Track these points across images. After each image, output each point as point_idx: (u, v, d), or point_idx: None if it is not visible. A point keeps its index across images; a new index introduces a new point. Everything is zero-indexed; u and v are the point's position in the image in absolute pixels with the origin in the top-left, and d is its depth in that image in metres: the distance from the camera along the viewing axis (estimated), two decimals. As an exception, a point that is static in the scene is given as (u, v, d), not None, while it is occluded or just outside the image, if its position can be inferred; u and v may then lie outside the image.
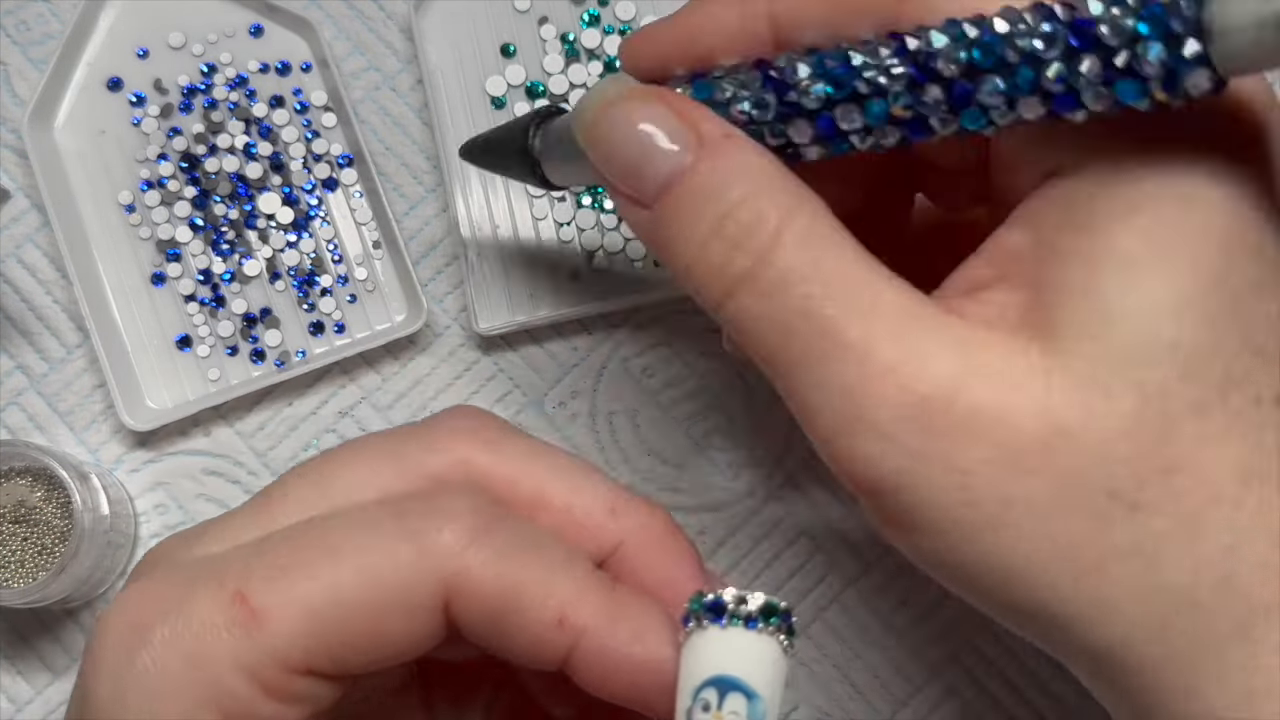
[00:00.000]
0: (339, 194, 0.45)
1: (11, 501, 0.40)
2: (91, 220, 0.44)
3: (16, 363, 0.44)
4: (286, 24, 0.45)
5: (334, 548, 0.25)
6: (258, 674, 0.24)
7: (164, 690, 0.24)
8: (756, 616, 0.24)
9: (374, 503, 0.26)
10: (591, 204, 0.45)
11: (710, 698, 0.23)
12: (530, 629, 0.25)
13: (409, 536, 0.25)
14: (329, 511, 0.26)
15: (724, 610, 0.23)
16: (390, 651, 0.25)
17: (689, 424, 0.44)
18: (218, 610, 0.24)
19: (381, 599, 0.24)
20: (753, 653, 0.23)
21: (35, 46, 0.46)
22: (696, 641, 0.24)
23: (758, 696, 0.23)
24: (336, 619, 0.24)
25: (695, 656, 0.23)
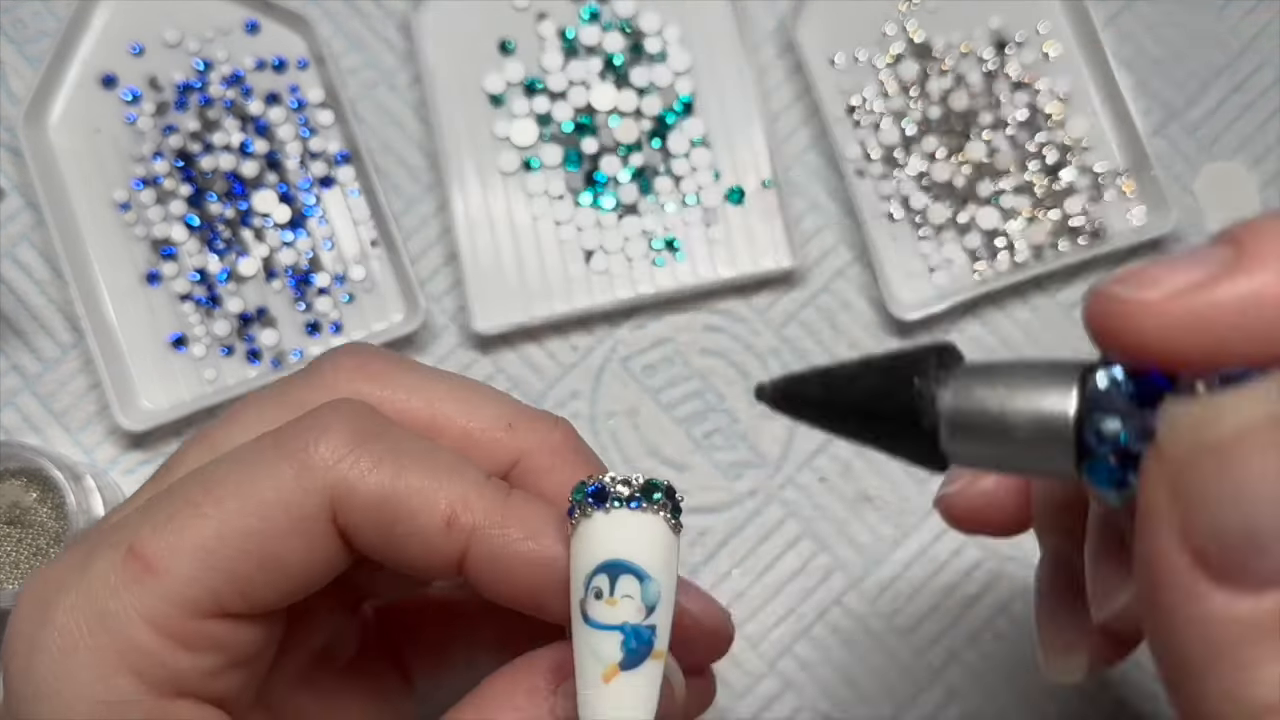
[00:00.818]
0: (336, 192, 0.44)
1: (5, 503, 0.40)
2: (86, 219, 0.44)
3: (11, 363, 0.43)
4: (283, 21, 0.45)
5: (217, 484, 0.24)
6: (163, 624, 0.24)
7: (73, 657, 0.23)
8: (638, 496, 0.23)
9: (256, 438, 0.26)
10: (591, 203, 0.44)
11: (602, 584, 0.23)
12: (419, 534, 0.24)
13: (287, 456, 0.24)
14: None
15: (605, 495, 0.23)
16: (295, 576, 0.25)
17: (689, 424, 0.44)
18: (113, 570, 0.24)
19: (270, 523, 0.24)
20: (638, 533, 0.23)
21: (30, 44, 0.45)
22: (583, 530, 0.23)
23: (649, 577, 0.23)
24: (231, 552, 0.24)
25: (583, 545, 0.23)
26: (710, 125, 0.45)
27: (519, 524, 0.25)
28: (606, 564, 0.23)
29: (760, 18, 0.47)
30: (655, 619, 0.23)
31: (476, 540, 0.24)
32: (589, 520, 0.23)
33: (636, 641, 0.23)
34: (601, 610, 0.23)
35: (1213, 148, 0.46)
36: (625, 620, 0.23)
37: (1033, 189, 0.45)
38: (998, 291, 0.45)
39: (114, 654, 0.23)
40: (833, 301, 0.45)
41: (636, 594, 0.23)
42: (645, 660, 0.23)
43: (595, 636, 0.23)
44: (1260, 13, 0.47)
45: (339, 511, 0.24)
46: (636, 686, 0.23)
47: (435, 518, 0.24)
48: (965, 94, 0.45)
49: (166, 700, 0.24)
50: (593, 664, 0.23)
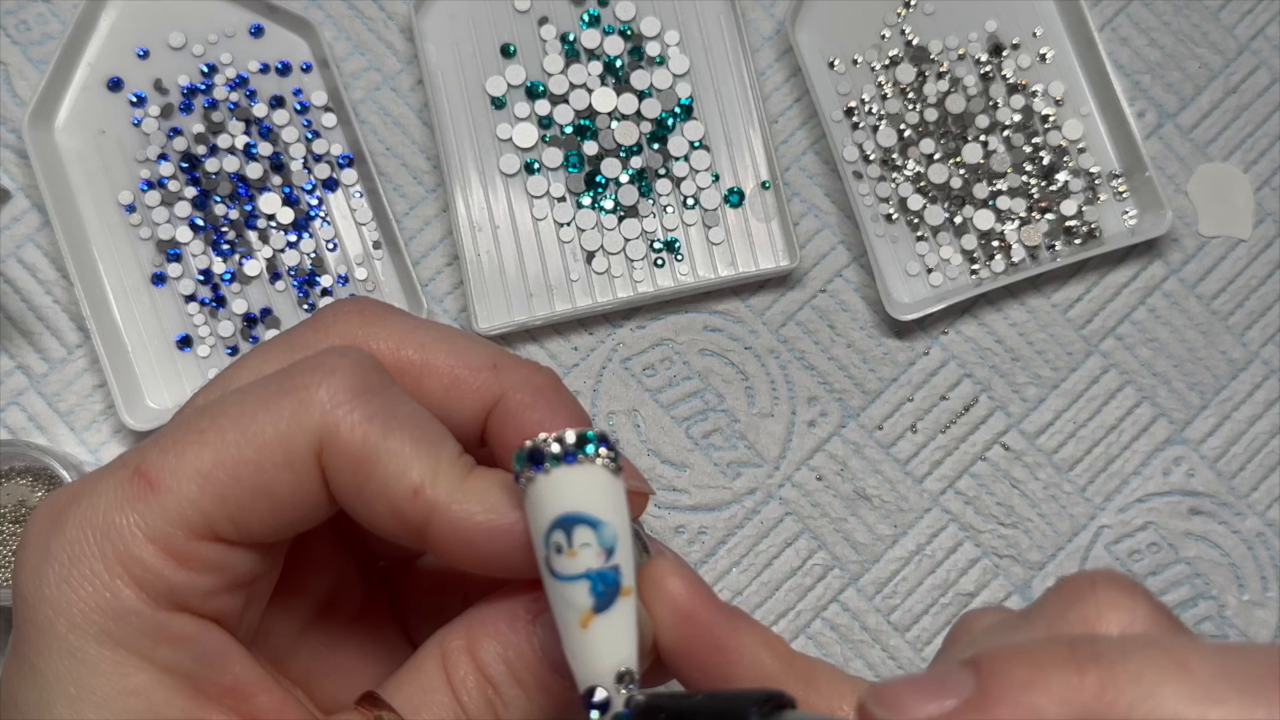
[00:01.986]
0: (339, 194, 0.45)
1: (12, 501, 0.40)
2: (92, 220, 0.44)
3: (17, 363, 0.44)
4: (287, 24, 0.45)
5: (221, 414, 0.26)
6: (162, 541, 0.25)
7: (80, 565, 0.25)
8: (572, 451, 0.24)
9: (264, 376, 0.27)
10: (592, 205, 0.45)
11: (560, 539, 0.24)
12: (388, 496, 0.26)
13: (288, 392, 0.26)
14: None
15: (541, 456, 0.24)
16: (283, 510, 0.26)
17: (689, 424, 0.44)
18: (119, 487, 0.25)
19: (265, 455, 0.25)
20: (580, 486, 0.24)
21: (36, 46, 0.46)
22: (530, 493, 0.25)
23: (601, 522, 0.24)
24: (226, 478, 0.25)
25: (533, 507, 0.24)
26: (710, 128, 0.45)
27: (479, 499, 0.26)
28: (558, 520, 0.24)
29: (759, 22, 0.47)
30: (616, 559, 0.24)
31: (437, 514, 0.26)
32: (533, 484, 0.24)
33: (603, 584, 0.24)
34: (564, 563, 0.24)
35: (1207, 149, 0.47)
36: (589, 567, 0.24)
37: (1029, 191, 0.45)
38: (994, 292, 0.45)
39: (118, 564, 0.25)
40: (831, 302, 0.45)
41: (593, 540, 0.24)
42: (616, 599, 0.24)
43: (566, 588, 0.24)
44: (1254, 16, 0.48)
45: (324, 451, 0.26)
46: (613, 627, 0.24)
47: (404, 485, 0.26)
48: (962, 97, 0.46)
49: (165, 612, 0.25)
50: (569, 614, 0.24)
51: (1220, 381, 0.45)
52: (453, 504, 0.26)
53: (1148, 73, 0.47)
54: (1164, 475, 0.44)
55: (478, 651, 0.27)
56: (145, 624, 0.25)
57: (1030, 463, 0.44)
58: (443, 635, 0.27)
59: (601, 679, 0.24)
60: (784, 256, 0.45)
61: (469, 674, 0.26)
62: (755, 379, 0.44)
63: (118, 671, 0.25)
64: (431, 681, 0.26)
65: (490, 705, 0.26)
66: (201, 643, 0.26)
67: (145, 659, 0.25)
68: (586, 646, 0.24)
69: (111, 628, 0.25)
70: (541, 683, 0.26)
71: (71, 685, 0.25)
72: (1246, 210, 0.47)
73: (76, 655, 0.25)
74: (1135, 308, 0.46)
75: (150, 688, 0.25)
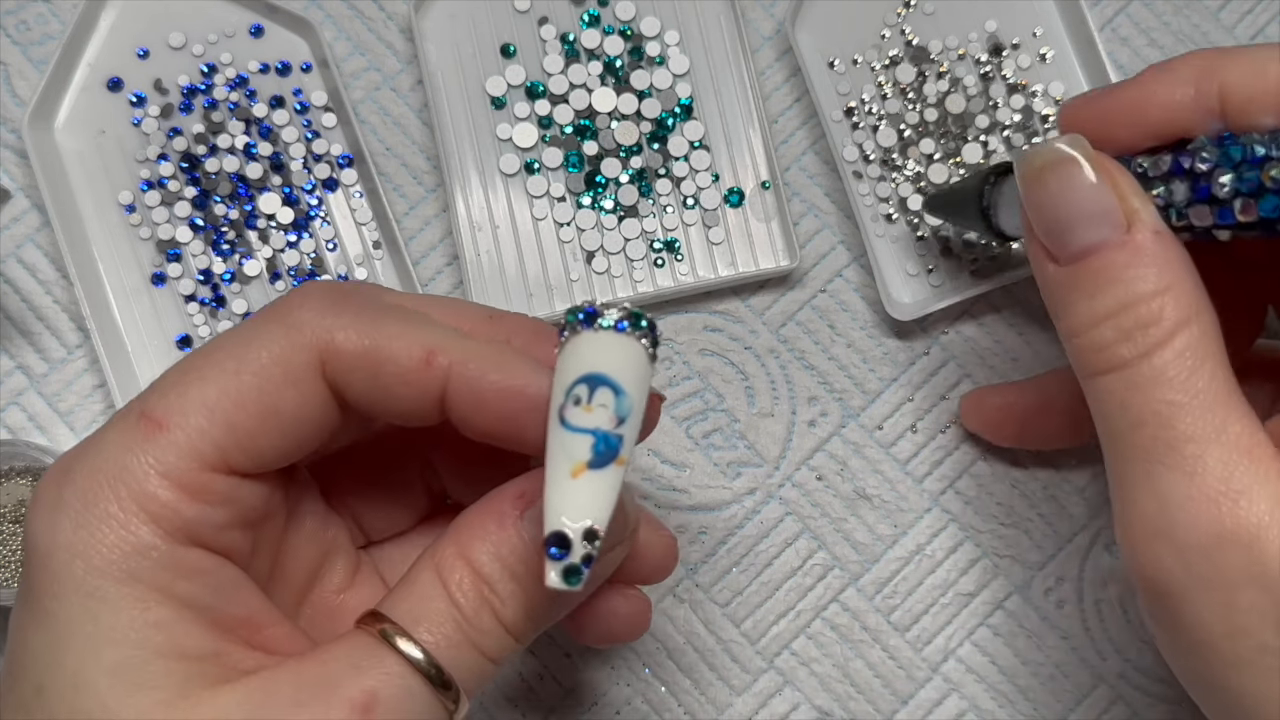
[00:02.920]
0: (339, 194, 0.45)
1: (12, 501, 0.40)
2: (92, 220, 0.44)
3: (17, 363, 0.44)
4: (287, 24, 0.45)
5: (216, 350, 0.27)
6: (175, 476, 0.26)
7: (94, 509, 0.25)
8: (624, 320, 0.26)
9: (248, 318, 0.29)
10: (592, 204, 0.45)
11: (581, 393, 0.25)
12: (401, 375, 0.27)
13: (275, 320, 0.27)
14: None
15: (595, 316, 0.26)
16: (291, 430, 0.27)
17: (689, 424, 0.44)
18: (127, 432, 0.26)
19: (266, 379, 0.27)
20: (619, 352, 0.26)
21: (35, 46, 0.46)
22: (569, 345, 0.26)
23: (624, 392, 0.25)
24: (231, 406, 0.26)
25: (568, 358, 0.26)
26: (709, 128, 0.45)
27: (492, 360, 0.27)
28: (588, 376, 0.25)
29: (759, 21, 0.47)
30: (624, 429, 0.25)
31: (454, 375, 0.27)
32: (577, 336, 0.26)
33: (605, 446, 0.25)
34: (579, 415, 0.25)
35: (1207, 150, 0.47)
36: (598, 425, 0.25)
37: (1029, 191, 0.45)
38: (994, 293, 0.45)
39: (132, 503, 0.25)
40: (831, 302, 0.45)
41: (611, 404, 0.25)
42: (610, 464, 0.25)
43: (570, 438, 0.25)
44: (1254, 17, 0.48)
45: (328, 365, 0.27)
46: (599, 486, 0.25)
47: (414, 358, 0.27)
48: (962, 97, 0.46)
49: (181, 547, 0.26)
50: (564, 462, 0.25)
51: (1220, 381, 0.45)
52: (469, 362, 0.27)
53: (1148, 73, 0.47)
54: (1164, 475, 0.44)
55: (470, 554, 0.27)
56: (163, 558, 0.25)
57: (1030, 463, 0.44)
58: (434, 548, 0.28)
59: (570, 528, 0.25)
60: (784, 256, 0.45)
61: (464, 576, 0.27)
62: (755, 379, 0.44)
63: (138, 606, 0.25)
64: (427, 590, 0.27)
65: (487, 603, 0.27)
66: (218, 576, 0.27)
67: (164, 593, 0.25)
68: (569, 495, 0.25)
69: (131, 565, 0.25)
70: (535, 573, 0.27)
71: (89, 624, 0.25)
72: (1246, 210, 0.47)
73: (96, 595, 0.25)
74: (1135, 308, 0.46)
75: (170, 620, 0.25)
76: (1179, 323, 0.27)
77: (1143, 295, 0.27)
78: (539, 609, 0.28)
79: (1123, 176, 0.28)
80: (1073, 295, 0.29)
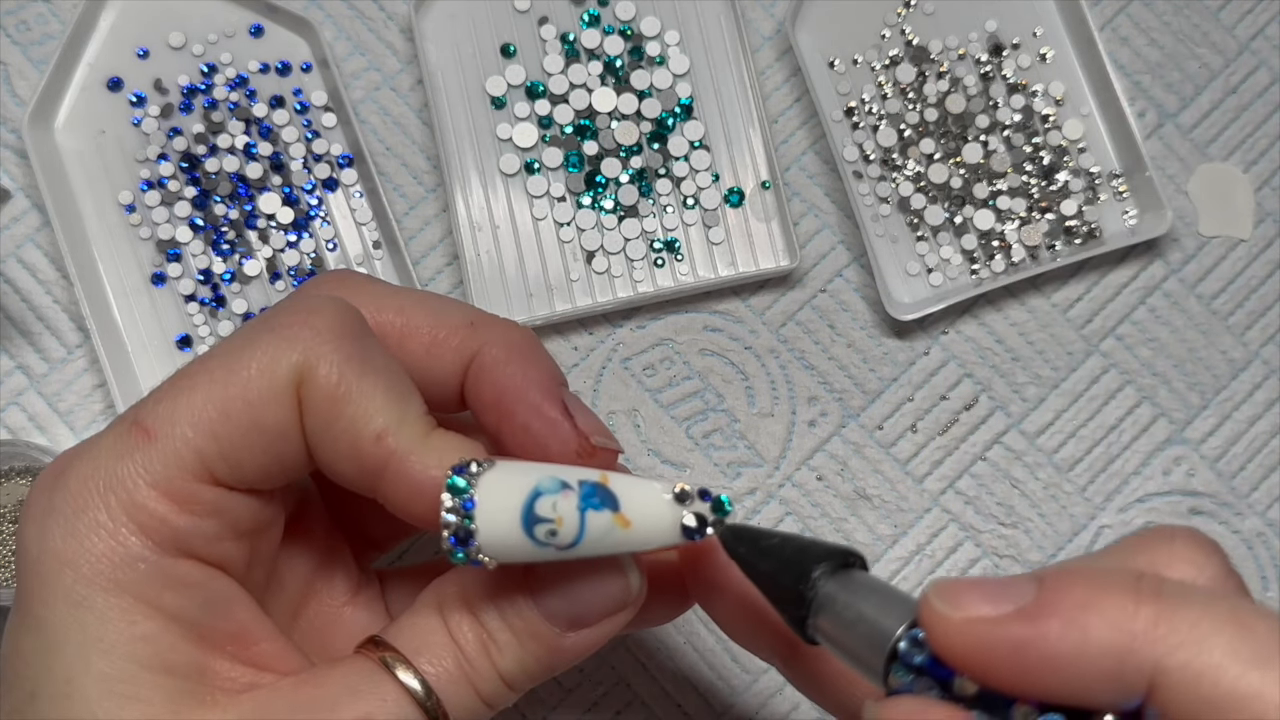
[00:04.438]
0: (339, 194, 0.45)
1: (12, 501, 0.40)
2: (92, 220, 0.44)
3: (17, 363, 0.44)
4: (287, 24, 0.45)
5: (210, 359, 0.27)
6: (164, 486, 0.26)
7: (84, 515, 0.25)
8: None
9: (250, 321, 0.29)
10: (592, 204, 0.45)
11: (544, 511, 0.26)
12: (353, 436, 0.27)
13: (273, 329, 0.27)
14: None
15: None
16: (275, 446, 0.27)
17: (689, 424, 0.44)
18: (118, 439, 0.26)
19: (251, 390, 0.26)
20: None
21: (35, 46, 0.46)
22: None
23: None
24: (217, 415, 0.26)
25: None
26: (710, 128, 0.45)
27: (436, 454, 0.27)
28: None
29: (759, 21, 0.47)
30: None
31: (395, 462, 0.27)
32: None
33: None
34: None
35: (1207, 149, 0.47)
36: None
37: (1029, 191, 0.45)
38: (994, 292, 0.45)
39: (122, 512, 0.25)
40: (831, 302, 0.45)
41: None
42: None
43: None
44: (1254, 16, 0.48)
45: (301, 386, 0.27)
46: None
47: (370, 428, 0.27)
48: (962, 97, 0.46)
49: (170, 558, 0.26)
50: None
51: (1220, 381, 0.45)
52: (411, 454, 0.27)
53: (1148, 73, 0.47)
54: (1164, 475, 0.44)
55: (472, 600, 0.27)
56: (152, 570, 0.25)
57: (1030, 463, 0.44)
58: (439, 584, 0.28)
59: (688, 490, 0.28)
60: (784, 256, 0.45)
61: (463, 619, 0.27)
62: (755, 379, 0.44)
63: (125, 619, 0.25)
64: (429, 625, 0.27)
65: (485, 649, 0.27)
66: (208, 589, 0.26)
67: (152, 606, 0.25)
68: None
69: (119, 575, 0.25)
70: (533, 630, 0.27)
71: (78, 633, 0.25)
72: (1246, 210, 0.47)
73: (84, 604, 0.25)
74: (1135, 308, 0.46)
75: (157, 634, 0.25)
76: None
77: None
78: (534, 665, 0.28)
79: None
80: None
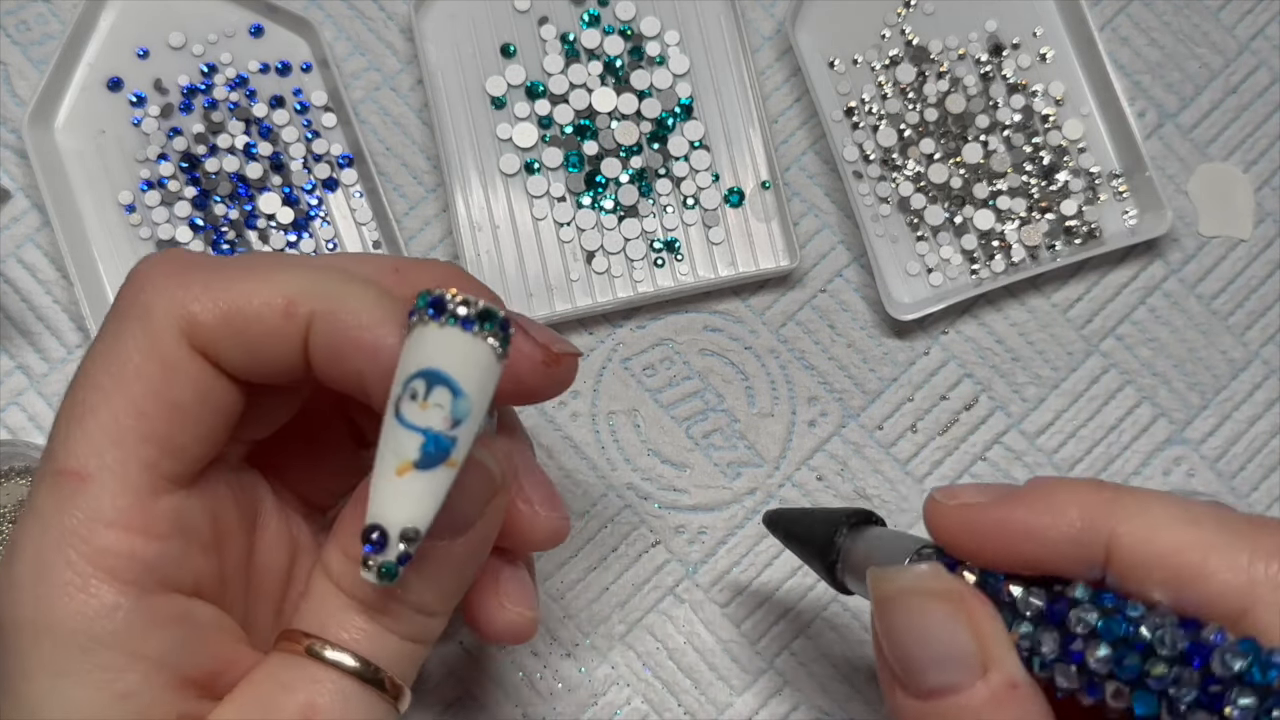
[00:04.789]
0: (339, 194, 0.45)
1: (12, 501, 0.40)
2: (92, 220, 0.44)
3: (17, 363, 0.44)
4: (287, 24, 0.45)
5: (90, 374, 0.26)
6: (121, 519, 0.25)
7: (48, 578, 0.24)
8: (473, 319, 0.24)
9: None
10: (592, 204, 0.45)
11: (419, 388, 0.24)
12: (264, 331, 0.26)
13: (125, 317, 0.26)
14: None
15: (444, 308, 0.24)
16: (204, 415, 0.26)
17: (689, 424, 0.44)
18: (50, 494, 0.25)
19: (149, 380, 0.25)
20: (462, 351, 0.24)
21: (35, 46, 0.46)
22: (415, 335, 0.24)
23: (463, 394, 0.24)
24: (133, 422, 0.25)
25: (412, 349, 0.24)
26: (710, 127, 0.45)
27: (353, 312, 0.26)
28: (426, 371, 0.24)
29: (759, 21, 0.47)
30: (458, 432, 0.24)
31: (314, 325, 0.26)
32: (423, 327, 0.24)
33: (435, 447, 0.24)
34: (413, 411, 0.24)
35: (1207, 149, 0.47)
36: (430, 425, 0.24)
37: (1029, 191, 0.45)
38: (994, 292, 0.45)
39: (85, 564, 0.24)
40: (831, 302, 0.45)
41: (447, 405, 0.24)
42: (439, 466, 0.24)
43: (400, 433, 0.24)
44: (1254, 16, 0.48)
45: (192, 339, 0.26)
46: (424, 487, 0.24)
47: (275, 310, 0.26)
48: (962, 96, 0.46)
49: (149, 597, 0.25)
50: (391, 459, 0.24)
51: (1220, 381, 0.45)
52: (328, 315, 0.26)
53: (1148, 73, 0.47)
54: (1164, 475, 0.44)
55: (352, 551, 0.26)
56: (131, 615, 0.25)
57: (1030, 463, 0.44)
58: (321, 555, 0.27)
59: (390, 526, 0.24)
60: (784, 256, 0.45)
61: (351, 572, 0.26)
62: (755, 379, 0.44)
63: (105, 679, 0.24)
64: (325, 593, 0.27)
65: (388, 592, 0.26)
66: (190, 622, 0.26)
67: (133, 656, 0.25)
68: (391, 493, 0.24)
69: (96, 630, 0.24)
70: (420, 551, 0.26)
71: (60, 704, 0.24)
72: (1246, 210, 0.47)
73: (63, 671, 0.24)
74: (1135, 308, 0.46)
75: (139, 689, 0.25)
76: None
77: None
78: (440, 582, 0.27)
79: (985, 618, 0.25)
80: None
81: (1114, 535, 0.25)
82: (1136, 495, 0.25)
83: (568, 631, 0.42)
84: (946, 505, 0.27)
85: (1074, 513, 0.25)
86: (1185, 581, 0.24)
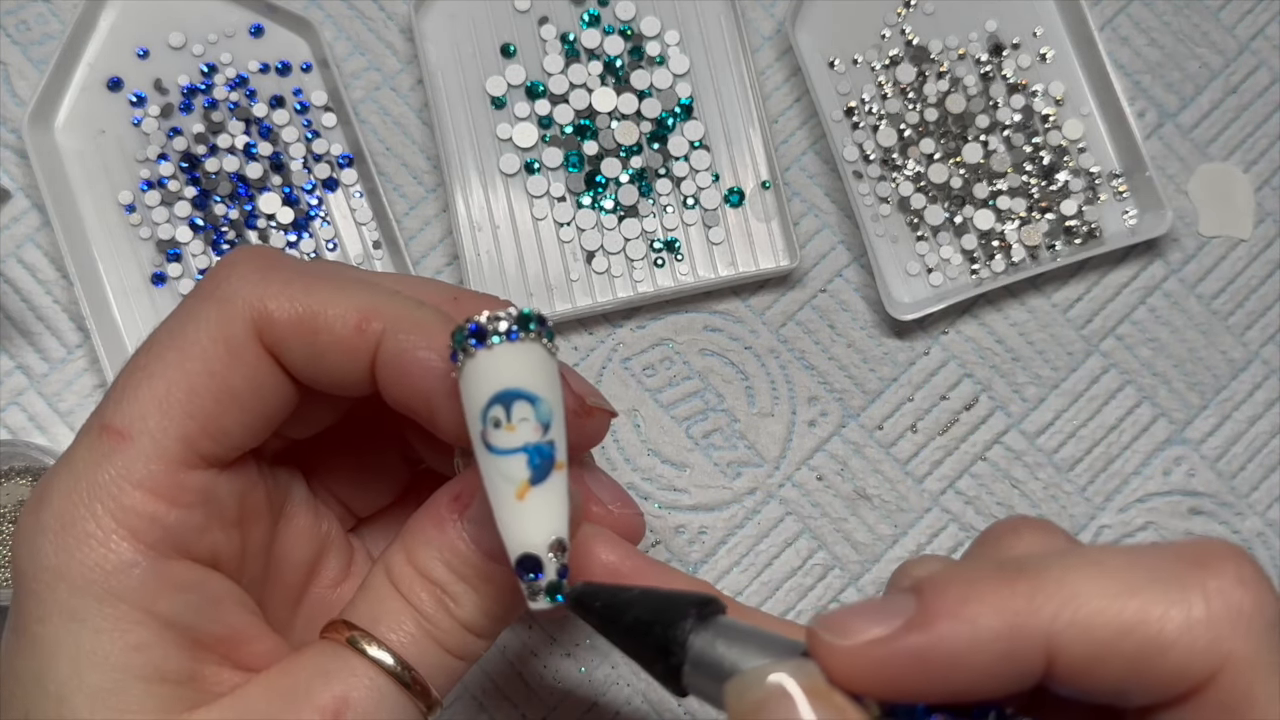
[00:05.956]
0: (339, 194, 0.45)
1: (12, 501, 0.40)
2: (92, 220, 0.44)
3: (17, 363, 0.44)
4: (287, 24, 0.45)
5: (156, 344, 0.27)
6: (149, 483, 0.25)
7: (72, 529, 0.25)
8: (514, 328, 0.25)
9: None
10: (592, 204, 0.45)
11: (499, 414, 0.24)
12: (335, 342, 0.26)
13: (204, 298, 0.27)
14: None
15: (485, 333, 0.25)
16: (251, 405, 0.27)
17: (689, 424, 0.44)
18: (91, 448, 0.26)
19: (211, 361, 0.26)
20: (522, 361, 0.25)
21: (35, 46, 0.46)
22: (468, 369, 0.25)
23: (540, 399, 0.24)
24: (184, 396, 0.26)
25: (471, 383, 0.25)
26: (710, 128, 0.45)
27: (423, 332, 0.26)
28: (499, 395, 0.24)
29: (759, 21, 0.47)
30: (552, 434, 0.25)
31: (384, 343, 0.26)
32: (473, 359, 0.25)
33: (540, 458, 0.24)
34: (503, 437, 0.24)
35: (1207, 149, 0.47)
36: (526, 441, 0.24)
37: (1029, 191, 0.45)
38: (994, 292, 0.45)
39: (110, 520, 0.25)
40: (831, 302, 0.45)
41: (531, 416, 0.24)
42: (551, 473, 0.24)
43: (502, 462, 0.24)
44: (1254, 16, 0.48)
45: (264, 333, 0.26)
46: (548, 498, 0.24)
47: (347, 321, 0.26)
48: (962, 97, 0.46)
49: (164, 560, 0.26)
50: (504, 486, 0.24)
51: (1220, 381, 0.45)
52: (398, 332, 0.26)
53: (1148, 73, 0.47)
54: (1164, 475, 0.44)
55: (417, 560, 0.27)
56: (146, 574, 0.25)
57: (1030, 463, 0.44)
58: (385, 555, 0.28)
59: (536, 548, 0.24)
60: (784, 256, 0.45)
61: (414, 580, 0.27)
62: (755, 379, 0.44)
63: (119, 629, 0.25)
64: (382, 593, 0.27)
65: (442, 604, 0.27)
66: (203, 590, 0.26)
67: (147, 612, 0.25)
68: (522, 517, 0.24)
69: (113, 583, 0.25)
70: (483, 574, 0.27)
71: (72, 648, 0.25)
72: (1246, 210, 0.47)
73: (78, 617, 0.25)
74: (1135, 308, 0.46)
75: (150, 643, 0.25)
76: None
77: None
78: (494, 607, 0.28)
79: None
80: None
81: (1051, 636, 0.21)
82: (1050, 576, 0.21)
83: (568, 632, 0.42)
84: (844, 647, 0.22)
85: (995, 622, 0.21)
86: (1145, 668, 0.21)
